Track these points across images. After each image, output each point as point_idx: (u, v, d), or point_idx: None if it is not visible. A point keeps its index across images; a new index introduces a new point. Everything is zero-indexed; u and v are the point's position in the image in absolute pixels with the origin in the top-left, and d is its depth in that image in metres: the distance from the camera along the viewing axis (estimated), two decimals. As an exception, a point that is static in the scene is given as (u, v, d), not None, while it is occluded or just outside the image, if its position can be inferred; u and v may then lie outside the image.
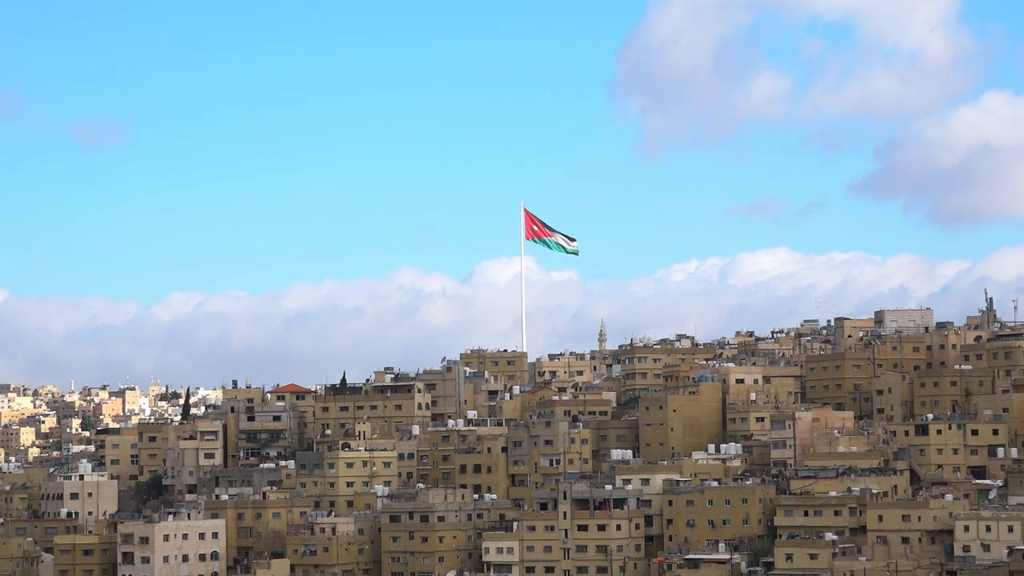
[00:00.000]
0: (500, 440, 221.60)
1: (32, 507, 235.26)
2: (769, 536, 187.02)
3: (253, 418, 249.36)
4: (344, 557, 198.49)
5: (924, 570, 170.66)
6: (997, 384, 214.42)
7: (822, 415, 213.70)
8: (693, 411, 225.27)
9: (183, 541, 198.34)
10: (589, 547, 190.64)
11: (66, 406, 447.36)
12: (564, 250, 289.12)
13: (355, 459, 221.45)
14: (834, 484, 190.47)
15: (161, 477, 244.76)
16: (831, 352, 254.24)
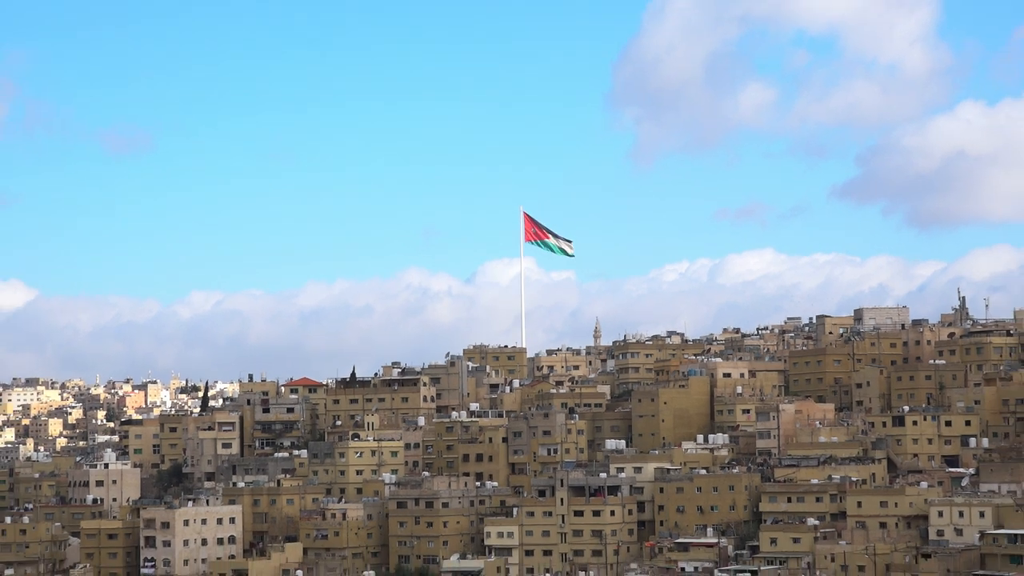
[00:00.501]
0: (501, 431, 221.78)
1: (60, 494, 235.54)
2: (754, 521, 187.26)
3: (268, 410, 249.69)
4: (354, 541, 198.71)
5: (901, 553, 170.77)
6: (969, 378, 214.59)
7: (804, 407, 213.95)
8: (683, 403, 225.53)
9: (202, 526, 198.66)
10: (585, 532, 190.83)
11: (92, 398, 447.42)
12: (562, 252, 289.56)
13: (364, 449, 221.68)
14: (816, 472, 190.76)
15: (181, 465, 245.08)
16: (813, 348, 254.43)
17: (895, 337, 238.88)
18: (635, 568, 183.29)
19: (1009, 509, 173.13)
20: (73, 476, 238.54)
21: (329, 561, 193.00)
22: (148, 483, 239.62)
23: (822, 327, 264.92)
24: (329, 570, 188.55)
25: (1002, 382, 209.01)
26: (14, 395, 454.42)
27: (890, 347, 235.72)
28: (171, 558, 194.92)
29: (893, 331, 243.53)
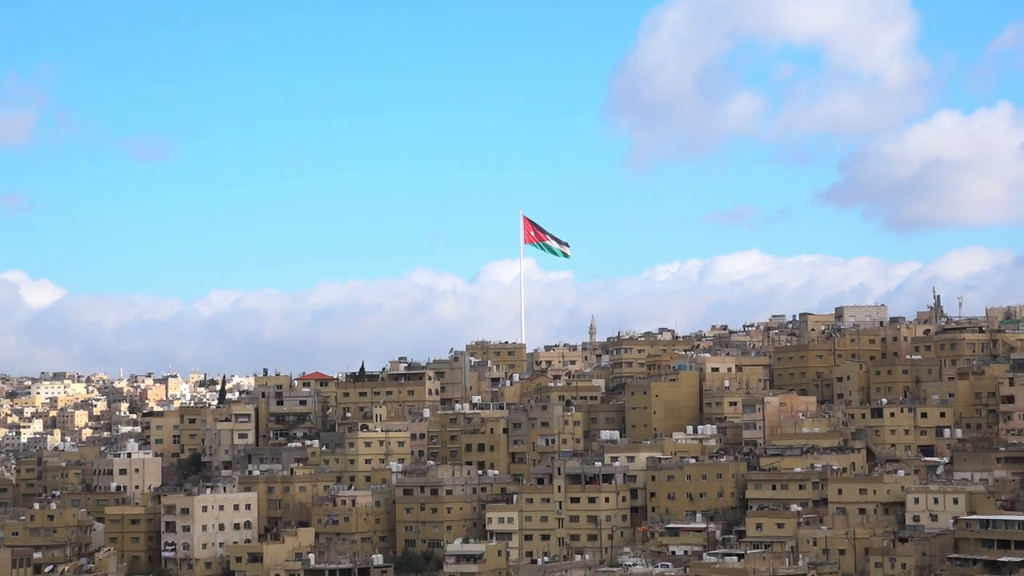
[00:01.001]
0: (501, 422, 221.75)
1: (85, 481, 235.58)
2: (741, 507, 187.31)
3: (282, 402, 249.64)
4: (363, 526, 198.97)
5: (879, 538, 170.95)
6: (944, 372, 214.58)
7: (788, 400, 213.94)
8: (673, 396, 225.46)
9: (219, 512, 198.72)
10: (581, 517, 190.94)
11: (115, 391, 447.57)
12: (559, 253, 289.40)
13: (372, 439, 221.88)
14: (799, 461, 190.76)
15: (200, 455, 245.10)
16: (796, 344, 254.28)
17: (874, 334, 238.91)
18: (628, 552, 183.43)
19: (981, 496, 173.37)
20: (98, 465, 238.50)
21: (339, 545, 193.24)
22: (169, 471, 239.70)
23: (805, 324, 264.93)
24: (339, 554, 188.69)
25: (974, 376, 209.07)
26: (42, 388, 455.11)
27: (869, 343, 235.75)
28: (190, 542, 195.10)
29: (872, 328, 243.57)
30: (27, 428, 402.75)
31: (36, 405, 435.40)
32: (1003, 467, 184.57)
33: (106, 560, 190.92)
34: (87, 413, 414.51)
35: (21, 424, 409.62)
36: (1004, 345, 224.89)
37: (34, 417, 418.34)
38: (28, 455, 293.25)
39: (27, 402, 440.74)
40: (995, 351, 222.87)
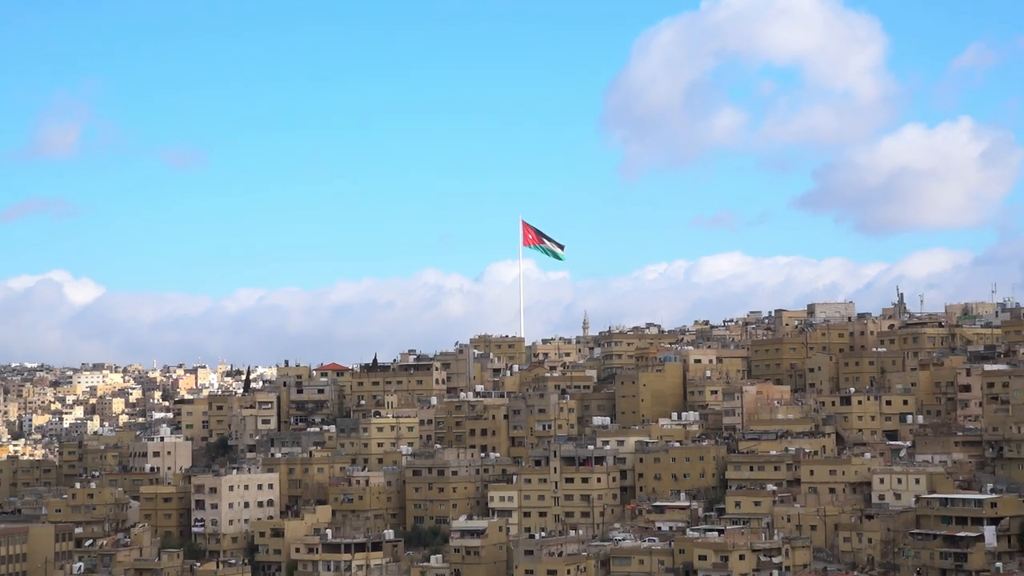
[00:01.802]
0: (502, 409, 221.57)
1: (122, 463, 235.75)
2: (721, 487, 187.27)
3: (301, 391, 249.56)
4: (375, 504, 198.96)
5: (847, 515, 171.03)
6: (907, 364, 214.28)
7: (764, 389, 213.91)
8: (659, 385, 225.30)
9: (244, 491, 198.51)
10: (575, 496, 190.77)
11: (149, 381, 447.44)
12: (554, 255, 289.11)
13: (384, 424, 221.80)
14: (774, 445, 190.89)
15: (227, 439, 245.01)
16: (772, 337, 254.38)
17: (843, 328, 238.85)
18: (618, 527, 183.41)
19: (941, 476, 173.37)
20: (133, 448, 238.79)
21: (354, 521, 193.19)
22: (198, 454, 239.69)
23: (780, 319, 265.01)
24: (354, 529, 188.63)
25: (935, 367, 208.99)
26: (83, 378, 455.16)
27: (838, 337, 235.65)
28: (218, 519, 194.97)
29: (841, 323, 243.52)
30: (69, 414, 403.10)
31: (77, 393, 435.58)
32: (960, 450, 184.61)
33: (141, 535, 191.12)
34: (124, 401, 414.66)
35: (63, 411, 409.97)
36: (962, 339, 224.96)
37: (75, 404, 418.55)
38: (70, 439, 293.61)
39: (69, 391, 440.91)
40: (953, 344, 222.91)
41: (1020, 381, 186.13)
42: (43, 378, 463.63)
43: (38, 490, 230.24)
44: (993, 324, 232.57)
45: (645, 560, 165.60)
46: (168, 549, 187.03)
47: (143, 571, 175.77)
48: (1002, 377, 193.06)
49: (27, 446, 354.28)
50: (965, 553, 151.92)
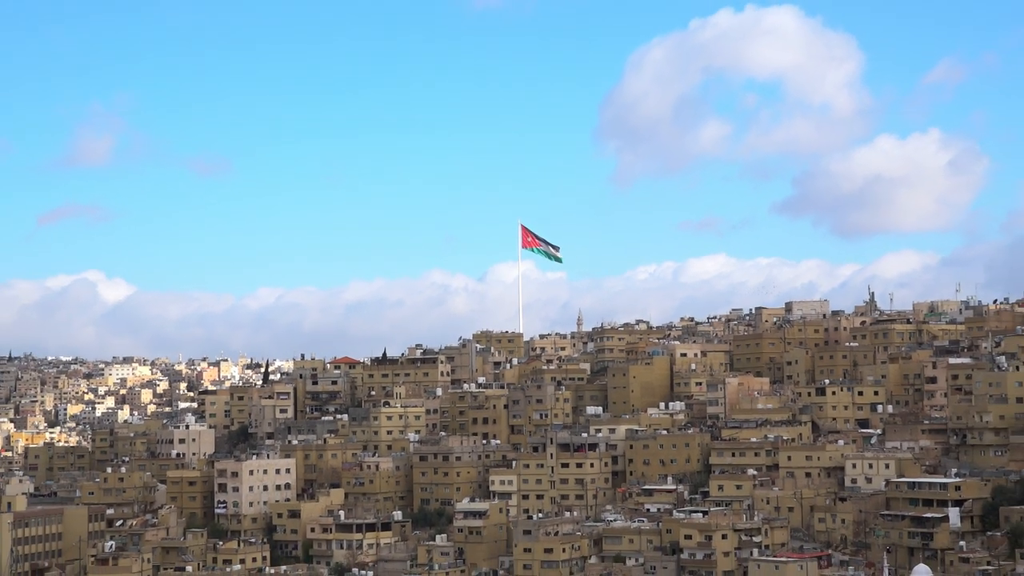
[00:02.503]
0: (502, 399, 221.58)
1: (150, 449, 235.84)
2: (705, 471, 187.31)
3: (316, 382, 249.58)
4: (385, 487, 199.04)
5: (822, 497, 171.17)
6: (877, 357, 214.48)
7: (745, 381, 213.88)
8: (648, 377, 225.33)
9: (264, 475, 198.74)
10: (570, 480, 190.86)
11: (176, 373, 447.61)
12: (551, 257, 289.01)
13: (393, 413, 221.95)
14: (754, 432, 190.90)
15: (247, 427, 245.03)
16: (752, 333, 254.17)
17: (818, 324, 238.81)
18: (610, 509, 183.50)
19: (909, 462, 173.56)
20: (160, 435, 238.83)
21: (365, 503, 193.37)
22: (221, 441, 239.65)
23: (760, 316, 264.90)
24: (365, 511, 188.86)
25: (903, 360, 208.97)
26: (114, 370, 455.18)
27: (814, 332, 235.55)
28: (239, 501, 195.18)
29: (816, 319, 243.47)
30: (101, 404, 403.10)
31: (108, 385, 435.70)
32: (927, 437, 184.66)
33: (167, 515, 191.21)
34: (152, 391, 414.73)
35: (96, 401, 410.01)
36: (928, 334, 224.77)
37: (107, 395, 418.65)
38: (102, 427, 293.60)
39: (101, 382, 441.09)
40: (921, 339, 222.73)
41: (982, 373, 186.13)
42: (77, 370, 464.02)
43: (72, 474, 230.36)
44: (957, 321, 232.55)
45: (635, 539, 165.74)
46: (193, 529, 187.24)
47: (169, 550, 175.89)
48: (965, 370, 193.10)
49: (62, 433, 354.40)
50: (931, 533, 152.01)
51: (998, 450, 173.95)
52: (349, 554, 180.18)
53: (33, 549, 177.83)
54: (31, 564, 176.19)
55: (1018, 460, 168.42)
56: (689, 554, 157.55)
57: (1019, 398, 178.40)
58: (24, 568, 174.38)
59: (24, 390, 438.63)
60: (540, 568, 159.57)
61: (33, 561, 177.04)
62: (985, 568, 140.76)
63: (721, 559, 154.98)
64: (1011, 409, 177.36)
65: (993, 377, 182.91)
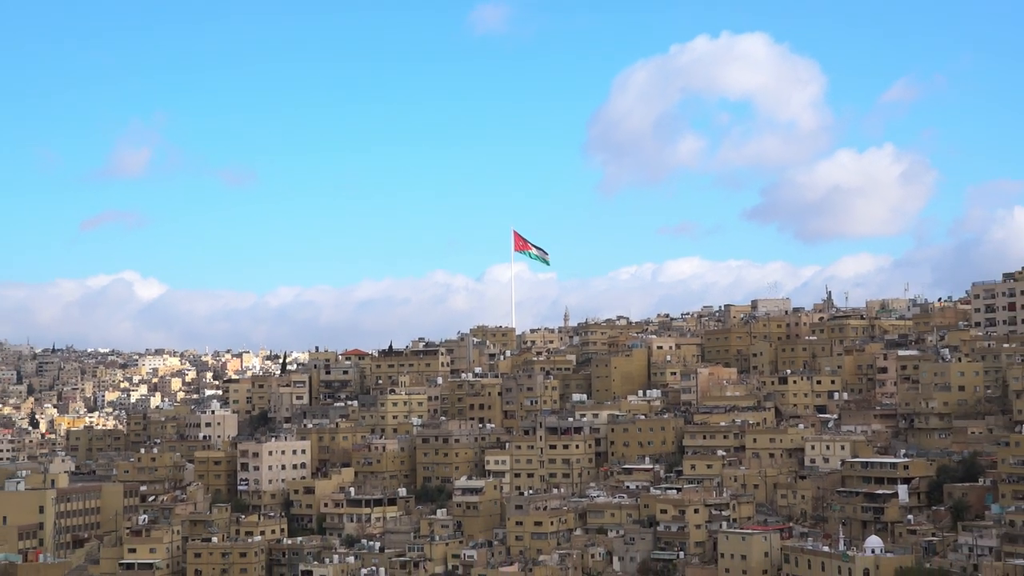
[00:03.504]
0: (496, 387, 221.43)
1: (179, 432, 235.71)
2: (679, 452, 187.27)
3: (329, 372, 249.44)
4: (391, 467, 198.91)
5: (784, 476, 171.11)
6: (834, 350, 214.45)
7: (715, 371, 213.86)
8: (628, 368, 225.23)
9: (282, 456, 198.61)
10: (557, 460, 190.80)
11: (202, 364, 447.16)
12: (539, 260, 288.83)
13: (398, 400, 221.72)
14: (723, 417, 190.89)
15: (267, 412, 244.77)
16: (721, 328, 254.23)
17: (780, 320, 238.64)
18: (593, 486, 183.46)
19: (862, 443, 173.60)
20: (189, 420, 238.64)
21: (373, 481, 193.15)
22: (243, 425, 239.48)
23: (728, 313, 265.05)
24: (373, 488, 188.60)
25: (857, 352, 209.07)
26: (147, 361, 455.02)
27: (777, 327, 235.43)
28: (259, 479, 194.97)
29: (779, 316, 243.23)
30: (135, 391, 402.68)
31: (142, 374, 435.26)
32: (878, 421, 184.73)
33: (195, 492, 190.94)
34: (181, 380, 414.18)
35: (131, 388, 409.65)
36: (880, 329, 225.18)
37: (140, 383, 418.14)
38: (136, 412, 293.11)
39: (135, 372, 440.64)
40: (873, 334, 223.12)
41: (928, 364, 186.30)
42: (114, 361, 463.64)
43: (109, 455, 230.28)
44: (906, 317, 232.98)
45: (616, 513, 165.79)
46: (217, 504, 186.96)
47: (197, 522, 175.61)
48: (913, 361, 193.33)
49: (100, 418, 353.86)
50: (882, 507, 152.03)
51: (942, 433, 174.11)
52: (358, 526, 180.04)
53: (74, 522, 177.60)
54: (72, 535, 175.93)
55: (960, 442, 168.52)
56: (664, 527, 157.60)
57: (961, 387, 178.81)
58: (66, 538, 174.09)
59: (66, 379, 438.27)
60: (530, 539, 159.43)
61: (74, 532, 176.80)
62: (930, 539, 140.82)
63: (693, 531, 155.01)
64: (954, 396, 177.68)
65: (938, 368, 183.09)
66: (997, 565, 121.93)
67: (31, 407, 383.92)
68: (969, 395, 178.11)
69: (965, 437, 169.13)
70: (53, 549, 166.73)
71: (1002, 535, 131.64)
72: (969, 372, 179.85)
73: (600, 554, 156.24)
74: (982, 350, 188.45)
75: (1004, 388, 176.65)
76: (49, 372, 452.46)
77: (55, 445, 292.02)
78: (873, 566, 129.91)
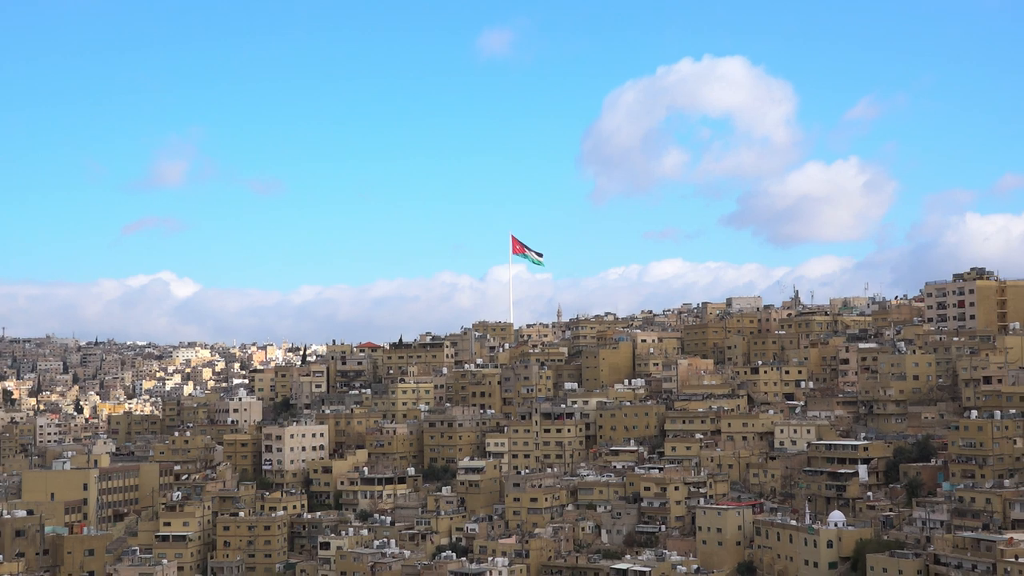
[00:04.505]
0: (496, 377, 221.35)
1: (210, 417, 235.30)
2: (661, 435, 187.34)
3: (345, 363, 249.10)
4: (401, 448, 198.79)
5: (756, 456, 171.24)
6: (801, 343, 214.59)
7: (694, 362, 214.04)
8: (615, 359, 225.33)
9: (302, 439, 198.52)
10: (551, 442, 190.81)
11: (231, 355, 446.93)
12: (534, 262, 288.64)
13: (408, 388, 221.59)
14: (701, 404, 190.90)
15: (289, 399, 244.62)
16: (699, 323, 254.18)
17: (753, 316, 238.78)
18: (583, 466, 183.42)
19: (826, 427, 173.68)
20: (218, 406, 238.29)
21: (384, 461, 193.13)
22: (267, 410, 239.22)
23: (705, 309, 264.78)
24: (384, 467, 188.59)
25: (821, 345, 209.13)
26: (180, 353, 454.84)
27: (749, 323, 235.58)
28: (282, 459, 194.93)
29: (751, 312, 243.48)
30: (170, 380, 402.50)
31: (176, 364, 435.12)
32: (841, 408, 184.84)
33: (224, 471, 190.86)
34: (211, 370, 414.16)
35: (166, 378, 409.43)
36: (842, 324, 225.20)
37: (174, 373, 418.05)
38: (170, 399, 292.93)
39: (169, 363, 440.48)
40: (836, 328, 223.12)
41: (885, 356, 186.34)
42: (151, 353, 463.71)
43: (147, 437, 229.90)
44: (865, 313, 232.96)
45: (604, 490, 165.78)
46: (244, 482, 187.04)
47: (225, 498, 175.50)
48: (872, 353, 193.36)
49: (138, 404, 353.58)
50: (844, 485, 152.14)
51: (898, 418, 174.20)
52: (371, 502, 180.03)
53: (115, 498, 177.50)
54: (113, 510, 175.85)
55: (915, 427, 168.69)
56: (648, 503, 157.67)
57: (915, 376, 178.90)
58: (107, 513, 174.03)
59: (108, 369, 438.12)
60: (527, 514, 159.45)
61: (115, 507, 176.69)
62: (887, 514, 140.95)
63: (674, 507, 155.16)
64: (909, 385, 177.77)
65: (895, 359, 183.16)
66: (947, 537, 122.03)
67: (76, 395, 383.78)
68: (922, 384, 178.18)
69: (919, 422, 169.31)
70: (96, 522, 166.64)
71: (952, 510, 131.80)
72: (923, 363, 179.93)
73: (590, 527, 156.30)
74: (934, 343, 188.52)
75: (954, 378, 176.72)
76: (92, 363, 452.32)
77: (97, 429, 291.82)
78: (836, 538, 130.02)
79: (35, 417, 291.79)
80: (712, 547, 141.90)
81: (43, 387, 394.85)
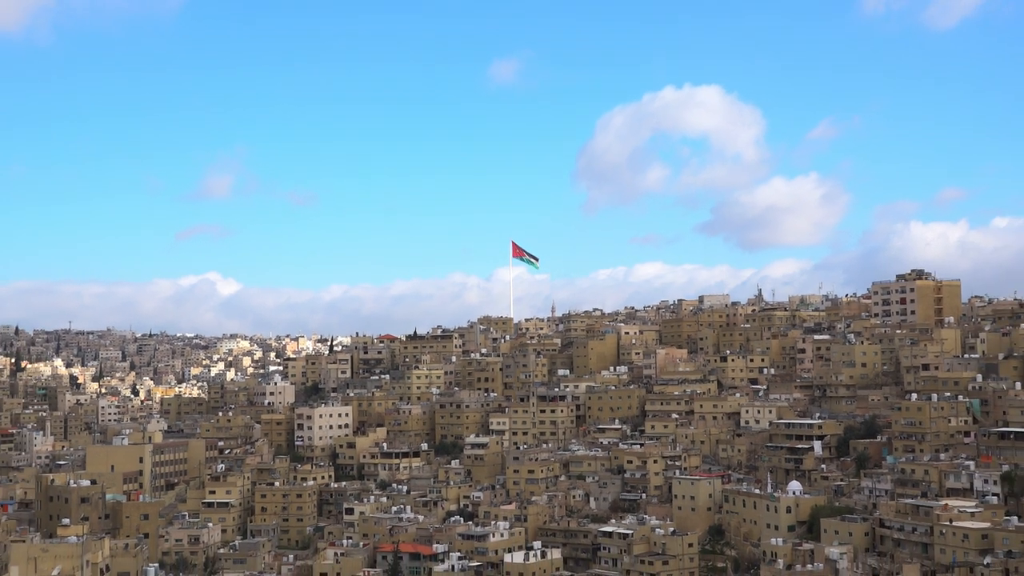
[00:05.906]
0: (498, 365, 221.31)
1: (249, 399, 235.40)
2: (642, 416, 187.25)
3: (367, 352, 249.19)
4: (415, 427, 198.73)
5: (724, 434, 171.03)
6: (763, 335, 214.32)
7: (670, 351, 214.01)
8: (602, 349, 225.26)
9: (329, 418, 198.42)
10: (546, 422, 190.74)
11: (268, 345, 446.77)
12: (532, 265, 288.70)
13: (421, 374, 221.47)
14: (676, 388, 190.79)
15: (318, 384, 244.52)
16: (675, 317, 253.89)
17: (722, 312, 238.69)
18: (574, 442, 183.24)
19: (786, 408, 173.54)
20: (256, 390, 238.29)
21: (401, 438, 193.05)
22: (299, 394, 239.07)
23: (680, 306, 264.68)
24: (401, 443, 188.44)
25: (782, 337, 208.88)
26: (224, 344, 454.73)
27: (719, 317, 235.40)
28: (312, 436, 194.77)
29: (720, 308, 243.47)
30: (215, 367, 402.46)
31: (220, 354, 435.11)
32: (799, 391, 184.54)
33: (261, 446, 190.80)
34: (250, 359, 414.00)
35: (211, 365, 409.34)
36: (800, 318, 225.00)
37: (218, 361, 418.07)
38: (215, 384, 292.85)
39: (214, 352, 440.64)
40: (794, 322, 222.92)
41: (837, 346, 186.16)
42: (198, 344, 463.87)
43: (194, 417, 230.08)
44: (820, 309, 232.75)
45: (592, 463, 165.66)
46: (279, 456, 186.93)
47: (263, 470, 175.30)
48: (826, 343, 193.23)
49: (187, 388, 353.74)
50: (801, 459, 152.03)
51: (848, 400, 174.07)
52: (390, 474, 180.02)
53: (166, 470, 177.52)
54: (165, 480, 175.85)
55: (862, 408, 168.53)
56: (630, 474, 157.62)
57: (863, 364, 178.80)
58: (160, 483, 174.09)
59: (160, 358, 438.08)
60: (525, 484, 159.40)
61: (167, 478, 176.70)
62: (839, 484, 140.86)
63: (653, 477, 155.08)
64: (858, 371, 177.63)
65: (845, 349, 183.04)
66: (891, 504, 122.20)
67: (133, 380, 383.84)
68: (870, 371, 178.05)
69: (866, 404, 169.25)
70: (150, 491, 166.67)
71: (895, 480, 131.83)
72: (870, 352, 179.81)
73: (579, 495, 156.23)
74: (880, 335, 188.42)
75: (897, 365, 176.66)
76: (147, 352, 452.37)
77: (151, 410, 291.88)
78: (794, 504, 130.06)
79: (97, 399, 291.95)
80: (686, 512, 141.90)
81: (104, 373, 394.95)
